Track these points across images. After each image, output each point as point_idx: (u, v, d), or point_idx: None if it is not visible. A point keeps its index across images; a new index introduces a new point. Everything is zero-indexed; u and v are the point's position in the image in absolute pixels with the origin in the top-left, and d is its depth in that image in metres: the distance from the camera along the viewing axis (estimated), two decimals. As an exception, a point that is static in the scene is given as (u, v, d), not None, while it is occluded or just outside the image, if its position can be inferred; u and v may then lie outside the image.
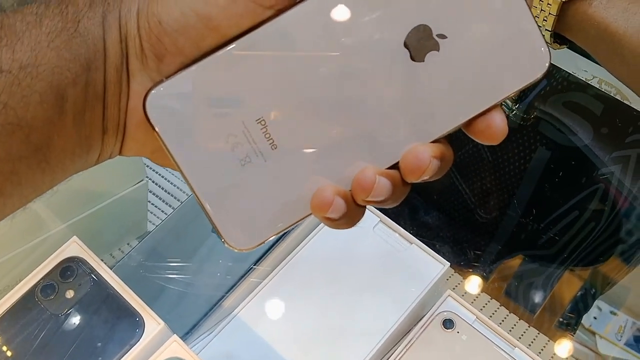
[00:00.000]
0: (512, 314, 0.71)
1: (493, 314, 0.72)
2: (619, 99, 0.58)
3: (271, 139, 0.28)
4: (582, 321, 0.82)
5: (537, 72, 0.28)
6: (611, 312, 0.99)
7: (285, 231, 0.29)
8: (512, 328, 0.71)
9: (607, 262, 0.76)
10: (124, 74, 0.29)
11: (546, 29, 0.48)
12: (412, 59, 0.28)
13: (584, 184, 0.72)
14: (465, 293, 0.72)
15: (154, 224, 0.67)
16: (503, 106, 0.69)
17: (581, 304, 0.78)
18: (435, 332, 0.52)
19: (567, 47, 0.51)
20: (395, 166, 0.29)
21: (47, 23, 0.26)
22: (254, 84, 0.28)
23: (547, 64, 0.28)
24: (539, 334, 0.70)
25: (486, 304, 0.72)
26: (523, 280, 0.77)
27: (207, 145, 0.28)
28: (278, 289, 0.53)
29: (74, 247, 0.48)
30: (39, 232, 0.51)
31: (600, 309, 0.99)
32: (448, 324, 0.52)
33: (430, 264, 0.57)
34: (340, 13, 0.28)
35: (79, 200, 0.55)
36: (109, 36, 0.28)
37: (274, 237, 0.29)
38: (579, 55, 0.56)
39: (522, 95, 0.70)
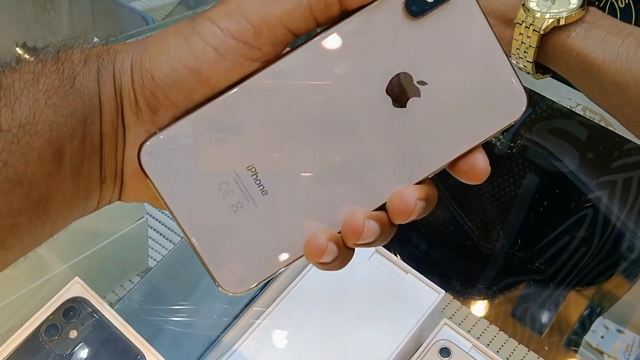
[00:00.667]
0: (511, 338, 0.72)
1: (492, 339, 0.72)
2: (603, 125, 0.60)
3: (262, 185, 0.29)
4: (590, 340, 0.83)
5: (515, 113, 0.29)
6: (618, 331, 0.99)
7: (278, 273, 0.30)
8: (512, 353, 0.71)
9: (611, 279, 0.76)
10: (119, 126, 0.29)
11: (527, 61, 0.49)
12: (395, 105, 0.29)
13: (572, 209, 0.73)
14: (464, 319, 0.73)
15: (155, 259, 0.68)
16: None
17: (588, 323, 0.78)
18: (433, 361, 0.53)
19: (551, 76, 0.53)
20: (382, 207, 0.29)
21: (44, 81, 0.27)
22: (244, 132, 0.29)
23: (524, 106, 0.29)
24: (538, 358, 0.71)
25: (485, 329, 0.73)
26: (527, 302, 0.77)
27: (199, 193, 0.29)
28: (276, 322, 0.55)
29: (76, 288, 0.49)
30: (41, 273, 0.52)
31: (607, 327, 0.99)
32: (445, 352, 0.53)
33: (426, 293, 0.58)
34: (324, 65, 0.29)
35: (80, 240, 0.56)
36: (104, 91, 0.29)
37: (264, 280, 0.30)
38: (563, 84, 0.58)
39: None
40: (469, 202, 0.77)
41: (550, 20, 0.47)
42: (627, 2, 0.61)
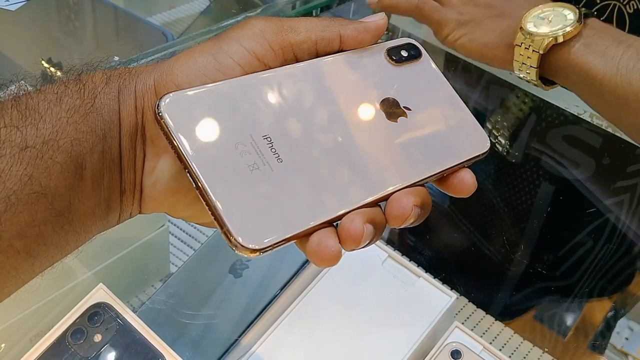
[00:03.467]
0: (526, 340, 0.73)
1: (507, 341, 0.73)
2: (611, 132, 0.61)
3: (277, 153, 0.31)
4: (614, 342, 0.83)
5: (480, 149, 0.36)
6: (643, 332, 0.99)
7: (291, 241, 0.30)
8: (526, 356, 0.72)
9: (633, 281, 0.76)
10: (138, 140, 0.31)
11: (531, 78, 0.51)
12: (388, 117, 0.35)
13: (590, 216, 0.73)
14: (479, 323, 0.74)
15: (176, 265, 0.71)
16: (498, 142, 0.71)
17: (613, 324, 0.79)
18: (444, 363, 0.54)
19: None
20: (373, 204, 0.32)
21: (66, 101, 0.30)
22: (263, 108, 0.31)
23: (487, 144, 0.36)
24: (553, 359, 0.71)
25: (500, 332, 0.74)
26: (549, 305, 0.77)
27: (216, 148, 0.29)
28: (292, 325, 0.56)
29: (100, 294, 0.51)
30: (68, 280, 0.54)
31: (632, 329, 0.99)
32: (456, 354, 0.54)
33: (439, 297, 0.59)
34: (331, 74, 0.35)
35: (104, 248, 0.59)
36: (124, 108, 0.31)
37: (282, 245, 0.29)
38: (570, 92, 0.59)
39: (514, 132, 0.73)
40: (486, 211, 0.78)
41: (549, 40, 0.47)
42: (636, 7, 0.61)
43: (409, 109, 0.35)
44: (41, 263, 0.30)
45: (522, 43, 0.49)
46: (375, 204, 0.32)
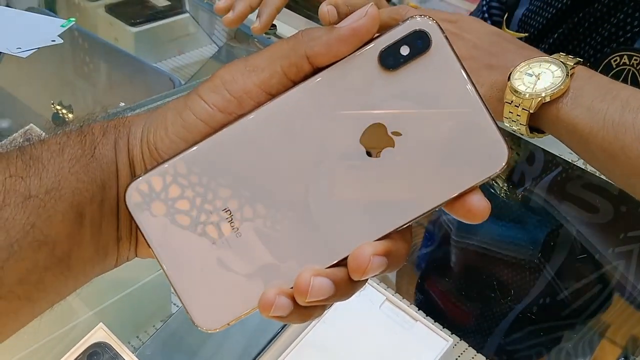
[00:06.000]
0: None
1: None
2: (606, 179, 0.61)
3: (235, 227, 0.30)
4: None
5: (495, 166, 0.29)
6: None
7: (247, 315, 0.30)
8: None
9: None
10: None
11: (521, 133, 0.51)
12: (368, 155, 0.29)
13: (598, 263, 0.73)
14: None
15: (177, 305, 0.71)
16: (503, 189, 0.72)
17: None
18: (440, 408, 0.54)
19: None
20: (343, 262, 0.29)
21: (68, 151, 0.30)
22: (219, 178, 0.30)
23: (505, 159, 0.28)
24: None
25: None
26: (556, 351, 0.77)
27: (176, 232, 0.30)
28: (289, 369, 0.57)
29: (100, 333, 0.52)
30: (68, 319, 0.55)
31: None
32: (452, 399, 0.54)
33: (436, 340, 0.59)
34: (299, 115, 0.30)
35: (105, 288, 0.60)
36: (120, 159, 0.32)
37: (237, 319, 0.30)
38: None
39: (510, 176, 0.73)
40: (487, 252, 0.79)
41: (538, 100, 0.48)
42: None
43: (399, 134, 0.29)
44: (40, 307, 0.31)
45: (512, 101, 0.50)
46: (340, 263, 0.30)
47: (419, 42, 0.29)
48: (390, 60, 0.29)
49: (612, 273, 0.75)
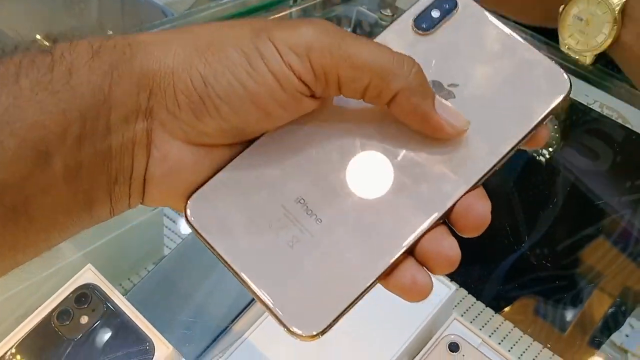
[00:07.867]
0: (526, 334, 0.72)
1: (507, 335, 0.72)
2: (622, 123, 0.59)
3: (314, 214, 0.28)
4: (614, 339, 0.81)
5: (560, 90, 0.29)
6: (643, 329, 0.98)
7: (352, 306, 0.27)
8: (527, 349, 0.71)
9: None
10: (139, 124, 0.27)
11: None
12: None
13: (599, 209, 0.72)
14: (478, 315, 0.72)
15: (170, 248, 0.69)
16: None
17: (612, 322, 0.77)
18: (441, 356, 0.52)
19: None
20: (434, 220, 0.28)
21: (28, 75, 0.25)
22: (285, 168, 0.29)
23: (567, 82, 0.29)
24: (553, 355, 0.70)
25: (500, 325, 0.73)
26: (550, 300, 0.76)
27: (252, 237, 0.28)
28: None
29: (88, 275, 0.50)
30: (56, 261, 0.53)
31: (632, 326, 0.98)
32: (453, 347, 0.52)
33: (437, 288, 0.57)
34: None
35: (94, 229, 0.57)
36: (118, 87, 0.26)
37: (342, 314, 0.27)
38: (580, 79, 0.57)
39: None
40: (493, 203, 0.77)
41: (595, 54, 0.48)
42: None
43: (456, 85, 0.30)
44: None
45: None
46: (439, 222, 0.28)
47: (447, 4, 0.31)
48: (424, 24, 0.31)
49: (618, 222, 0.73)
